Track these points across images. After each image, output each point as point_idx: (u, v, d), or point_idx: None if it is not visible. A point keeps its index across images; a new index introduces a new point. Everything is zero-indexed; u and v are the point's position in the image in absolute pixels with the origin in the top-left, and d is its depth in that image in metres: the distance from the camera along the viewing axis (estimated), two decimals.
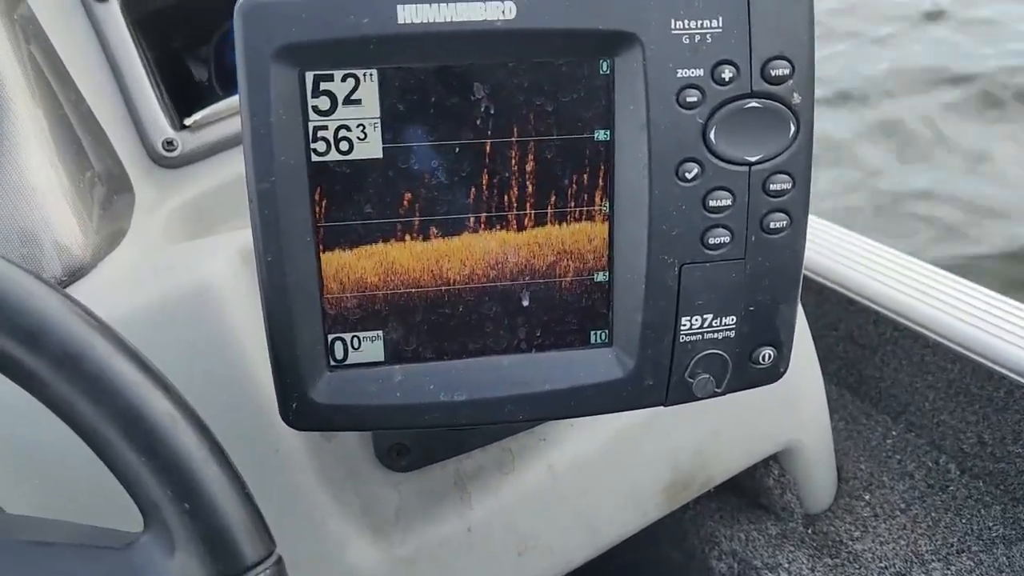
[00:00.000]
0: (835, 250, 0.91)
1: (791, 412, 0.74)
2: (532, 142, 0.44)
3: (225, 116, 0.76)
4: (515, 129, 0.44)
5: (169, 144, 0.73)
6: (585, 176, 0.45)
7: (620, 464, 0.67)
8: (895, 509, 0.77)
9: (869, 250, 0.89)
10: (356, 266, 0.45)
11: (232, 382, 0.59)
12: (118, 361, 0.38)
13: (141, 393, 0.38)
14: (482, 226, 0.45)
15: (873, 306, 0.84)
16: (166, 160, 0.73)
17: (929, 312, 0.79)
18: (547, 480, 0.65)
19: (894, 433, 0.83)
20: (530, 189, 0.45)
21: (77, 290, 0.60)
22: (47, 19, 0.70)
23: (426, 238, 0.45)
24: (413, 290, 0.45)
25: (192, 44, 0.86)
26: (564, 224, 0.46)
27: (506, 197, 0.45)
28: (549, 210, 0.45)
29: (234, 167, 0.76)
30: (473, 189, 0.44)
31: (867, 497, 0.79)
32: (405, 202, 0.44)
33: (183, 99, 0.81)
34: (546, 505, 0.65)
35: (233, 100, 0.77)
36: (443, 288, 0.46)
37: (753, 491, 0.80)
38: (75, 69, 0.70)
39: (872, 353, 0.85)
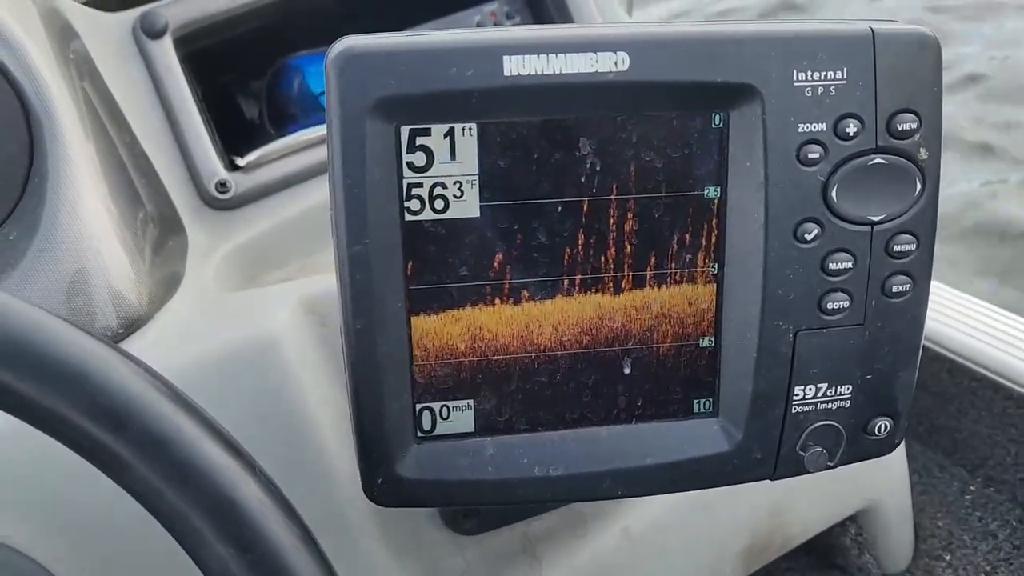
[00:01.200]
0: None
1: (872, 470, 0.70)
2: (638, 199, 0.41)
3: (278, 157, 0.74)
4: (621, 186, 0.41)
5: (222, 186, 0.70)
6: (692, 236, 0.42)
7: (697, 527, 0.64)
8: (979, 572, 0.73)
9: (944, 295, 0.86)
10: (443, 331, 0.42)
11: (296, 441, 0.56)
12: (206, 444, 0.35)
13: (231, 479, 0.34)
14: (578, 289, 0.42)
15: (948, 354, 0.80)
16: (219, 202, 0.70)
17: (1012, 363, 0.75)
18: (622, 544, 0.62)
19: (972, 488, 0.79)
20: (633, 249, 0.42)
21: (135, 343, 0.57)
22: (100, 56, 0.68)
23: (517, 301, 0.42)
24: (504, 357, 0.42)
25: (242, 81, 0.84)
26: (667, 286, 0.43)
27: (606, 258, 0.42)
28: (652, 271, 0.42)
29: (287, 209, 0.73)
30: (572, 249, 0.41)
31: (947, 558, 0.75)
32: (498, 263, 0.41)
33: (232, 138, 0.78)
34: (621, 571, 0.62)
35: (287, 140, 0.74)
36: (536, 355, 0.43)
37: (828, 550, 0.76)
38: (128, 108, 0.68)
39: (946, 403, 0.82)
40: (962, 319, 0.81)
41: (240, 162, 0.72)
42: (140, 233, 0.63)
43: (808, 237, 0.41)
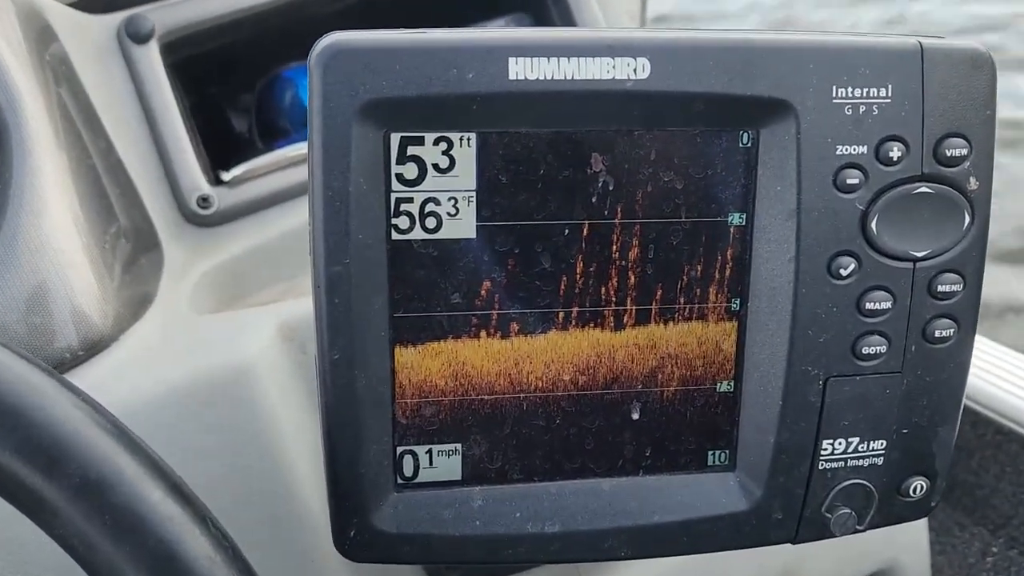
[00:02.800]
0: None
1: (889, 529, 0.65)
2: (654, 224, 0.37)
3: (266, 172, 0.69)
4: (636, 209, 0.37)
5: (204, 201, 0.66)
6: (714, 267, 0.38)
7: None
8: None
9: None
10: (428, 366, 0.37)
11: (267, 484, 0.51)
12: (150, 489, 0.30)
13: (175, 531, 0.30)
14: (579, 322, 0.37)
15: (971, 404, 0.75)
16: (200, 218, 0.66)
17: None
18: None
19: (994, 549, 0.74)
20: (649, 280, 0.37)
21: (95, 367, 0.52)
22: (80, 59, 0.64)
23: (505, 335, 0.37)
24: (493, 396, 0.38)
25: (233, 92, 0.80)
26: (682, 323, 0.38)
27: (617, 289, 0.37)
28: (668, 305, 0.38)
29: (273, 228, 0.68)
30: (578, 279, 0.37)
31: None
32: (497, 291, 0.37)
33: (220, 151, 0.74)
34: None
35: (275, 155, 0.70)
36: (536, 396, 0.38)
37: None
38: (106, 115, 0.64)
39: (967, 457, 0.77)
40: (987, 367, 0.77)
41: (225, 176, 0.68)
42: (110, 248, 0.58)
43: (844, 272, 0.37)
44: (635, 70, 0.34)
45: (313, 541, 0.50)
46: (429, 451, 0.38)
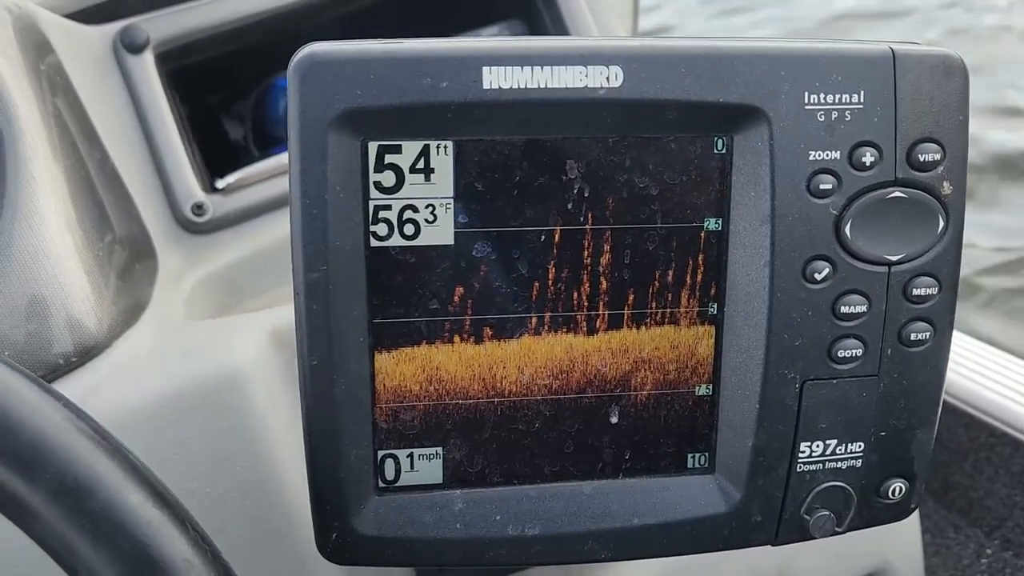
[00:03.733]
0: None
1: (882, 529, 0.65)
2: (630, 230, 0.37)
3: (260, 179, 0.70)
4: (611, 214, 0.37)
5: (199, 208, 0.67)
6: (691, 272, 0.38)
7: None
8: None
9: (961, 343, 0.81)
10: (407, 371, 0.37)
11: (258, 484, 0.52)
12: (129, 493, 0.30)
13: (154, 534, 0.30)
14: (556, 327, 0.38)
15: (965, 407, 0.75)
16: (194, 225, 0.67)
17: None
18: None
19: (989, 551, 0.74)
20: (623, 286, 0.38)
21: (89, 372, 0.53)
22: (76, 71, 0.65)
23: (479, 340, 0.38)
24: (471, 400, 0.38)
25: (228, 101, 0.81)
26: (660, 327, 0.38)
27: (592, 294, 0.38)
28: (642, 310, 0.38)
29: (268, 235, 0.69)
30: (553, 284, 0.37)
31: None
32: (472, 296, 0.37)
33: (216, 159, 0.75)
34: None
35: (269, 162, 0.71)
36: (522, 399, 0.38)
37: None
38: (102, 125, 0.65)
39: (962, 459, 0.77)
40: (981, 370, 0.77)
41: (219, 184, 0.69)
42: (105, 256, 0.59)
43: (818, 277, 0.37)
44: (608, 78, 0.35)
45: (303, 545, 0.51)
46: (410, 455, 0.38)
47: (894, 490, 0.41)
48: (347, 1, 0.76)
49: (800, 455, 0.39)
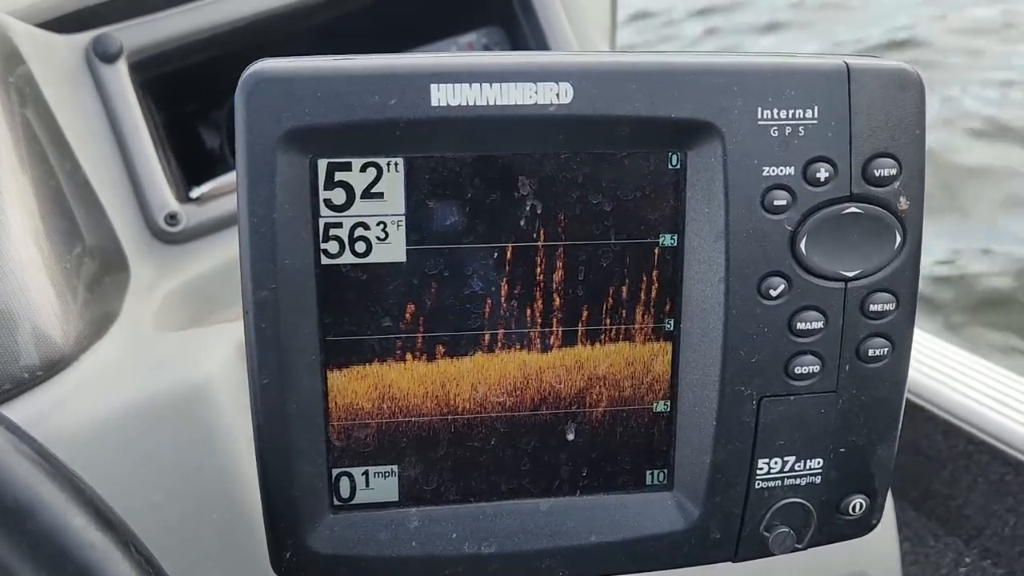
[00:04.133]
0: None
1: (858, 540, 0.65)
2: (585, 247, 0.37)
3: (234, 189, 0.69)
4: (565, 231, 0.37)
5: (172, 218, 0.66)
6: (646, 288, 0.38)
7: None
8: None
9: (940, 352, 0.81)
10: (375, 386, 0.37)
11: (225, 497, 0.52)
12: (72, 515, 0.30)
13: (97, 557, 0.30)
14: (510, 344, 0.38)
15: (943, 415, 0.75)
16: (167, 235, 0.67)
17: (1012, 427, 0.70)
18: None
19: (967, 560, 0.74)
20: (578, 302, 0.38)
21: (56, 385, 0.53)
22: (48, 80, 0.64)
23: (431, 358, 0.37)
24: (425, 418, 0.38)
25: (205, 109, 0.81)
26: (616, 343, 0.38)
27: (548, 311, 0.37)
28: (598, 327, 0.38)
29: None
30: (508, 301, 0.37)
31: None
32: (424, 314, 0.37)
33: (195, 168, 0.75)
34: None
35: None
36: (477, 416, 0.38)
37: None
38: (73, 134, 0.64)
39: (940, 467, 0.77)
40: (959, 377, 0.76)
41: (193, 193, 0.69)
42: (74, 268, 0.59)
43: (774, 293, 0.37)
44: (558, 95, 0.34)
45: (262, 543, 0.50)
46: (365, 472, 0.38)
47: (855, 506, 0.40)
48: (323, 9, 0.75)
49: (759, 472, 0.39)
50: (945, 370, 0.78)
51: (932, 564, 0.75)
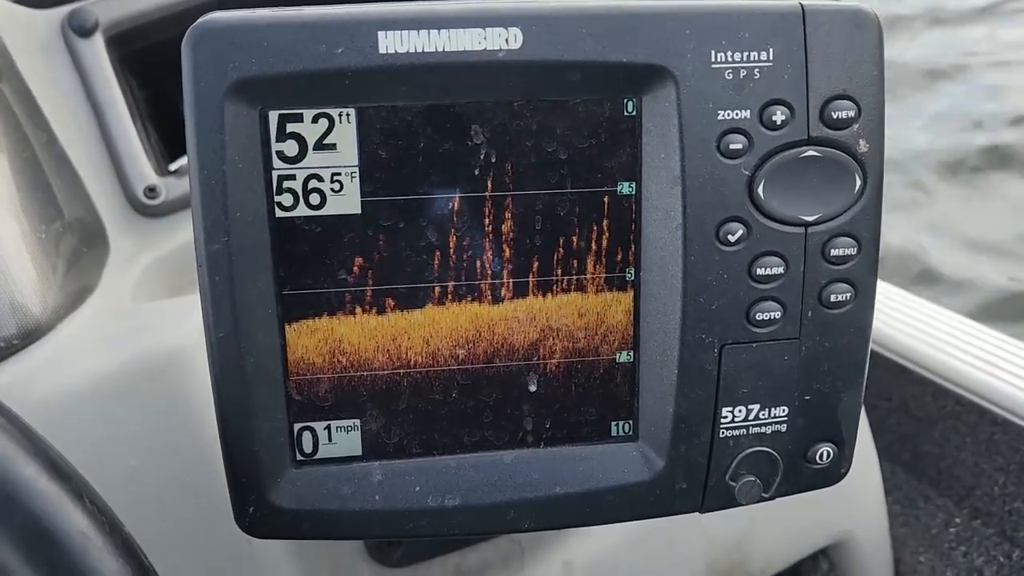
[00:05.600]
0: (888, 312, 0.82)
1: (843, 499, 0.65)
2: (541, 196, 0.37)
3: None
4: (520, 180, 0.37)
5: (151, 191, 0.66)
6: (605, 237, 0.38)
7: (648, 560, 0.59)
8: None
9: (927, 313, 0.80)
10: (326, 341, 0.37)
11: (200, 463, 0.52)
12: (22, 466, 0.30)
13: (48, 507, 0.30)
14: (464, 296, 0.37)
15: (932, 376, 0.75)
16: (147, 208, 0.67)
17: (998, 386, 0.70)
18: None
19: (957, 520, 0.74)
20: (537, 252, 0.37)
21: (31, 354, 0.53)
22: (22, 55, 0.64)
23: (381, 311, 0.37)
24: (389, 372, 0.38)
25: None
26: (578, 293, 0.38)
27: (507, 260, 0.37)
28: (558, 277, 0.38)
29: None
30: (466, 251, 0.37)
31: None
32: (383, 266, 0.37)
33: (173, 144, 0.75)
34: None
35: None
36: (433, 369, 0.38)
37: None
38: (51, 108, 0.64)
39: (930, 428, 0.76)
40: (946, 338, 0.76)
41: (173, 166, 0.69)
42: (53, 240, 0.59)
43: (732, 239, 0.37)
44: (507, 40, 0.34)
45: None
46: (327, 427, 0.38)
47: (822, 455, 0.40)
48: None
49: (723, 420, 0.39)
50: (933, 332, 0.78)
51: (923, 525, 0.75)
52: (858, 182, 0.37)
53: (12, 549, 0.29)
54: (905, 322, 0.79)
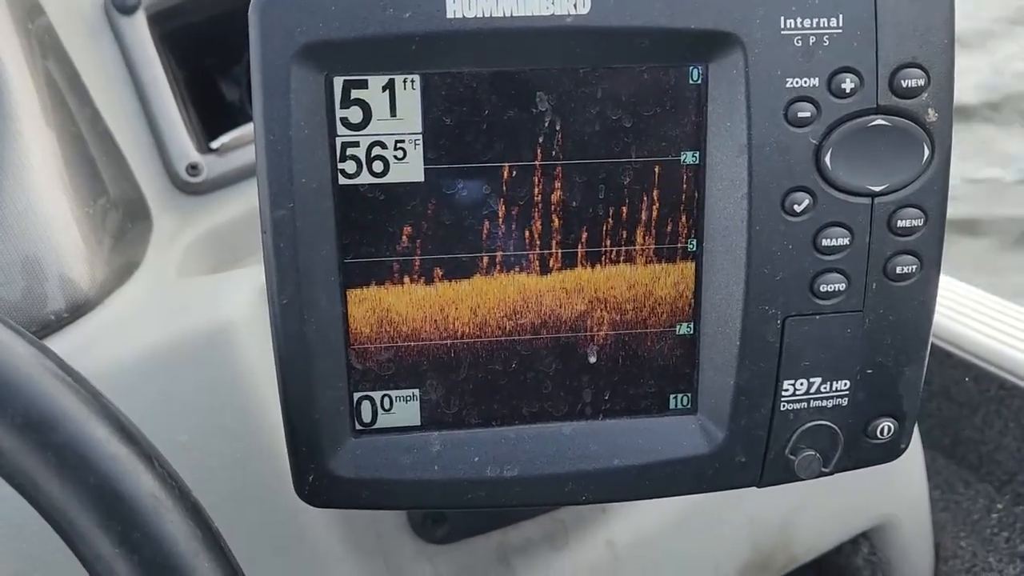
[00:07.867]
0: None
1: (886, 483, 0.64)
2: (605, 165, 0.37)
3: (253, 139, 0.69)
4: (585, 149, 0.36)
5: (193, 168, 0.66)
6: (669, 207, 0.37)
7: (691, 541, 0.58)
8: None
9: (969, 296, 0.79)
10: (391, 309, 0.37)
11: (248, 437, 0.52)
12: (94, 428, 0.30)
13: (118, 469, 0.30)
14: (515, 265, 0.37)
15: (974, 360, 0.74)
16: (189, 186, 0.67)
17: None
18: (606, 558, 0.56)
19: (999, 506, 0.73)
20: (599, 221, 0.37)
21: (80, 327, 0.53)
22: (67, 32, 0.64)
23: (465, 275, 0.37)
24: (453, 341, 0.38)
25: (226, 63, 0.80)
26: (640, 265, 0.38)
27: (569, 230, 0.37)
28: (622, 247, 0.37)
29: None
30: (529, 221, 0.37)
31: None
32: (448, 235, 0.37)
33: (215, 121, 0.75)
34: None
35: None
36: (494, 340, 0.38)
37: (837, 571, 0.71)
38: (95, 86, 0.64)
39: (971, 413, 0.75)
40: (989, 321, 0.75)
41: (214, 144, 0.69)
42: (99, 216, 0.59)
43: (798, 209, 0.36)
44: (575, 5, 0.34)
45: (288, 482, 0.51)
46: (387, 396, 0.38)
47: (882, 429, 0.40)
48: None
49: (784, 393, 0.38)
50: (974, 315, 0.77)
51: (963, 511, 0.74)
52: (926, 152, 0.36)
53: (85, 510, 0.30)
54: (947, 305, 0.78)
